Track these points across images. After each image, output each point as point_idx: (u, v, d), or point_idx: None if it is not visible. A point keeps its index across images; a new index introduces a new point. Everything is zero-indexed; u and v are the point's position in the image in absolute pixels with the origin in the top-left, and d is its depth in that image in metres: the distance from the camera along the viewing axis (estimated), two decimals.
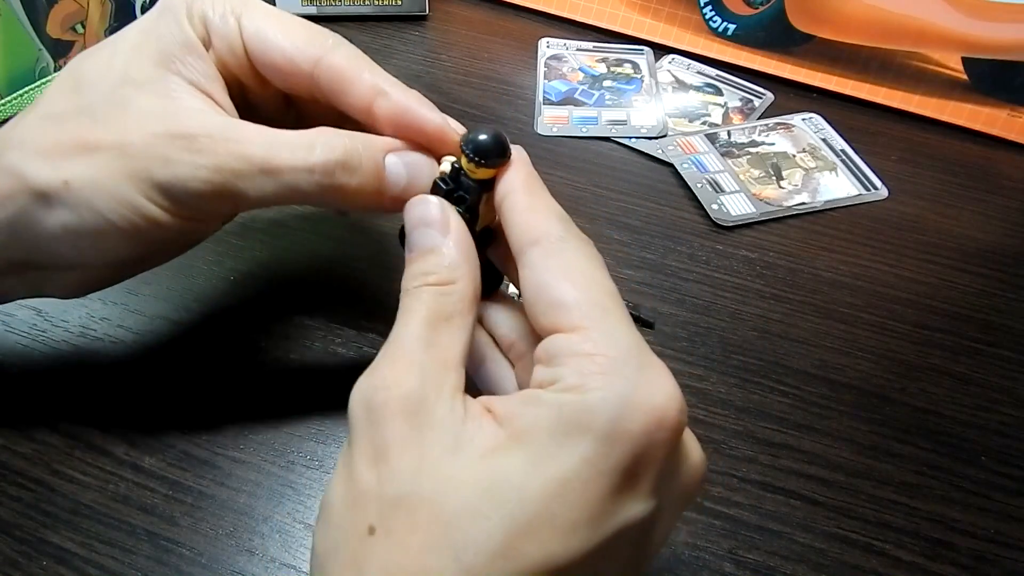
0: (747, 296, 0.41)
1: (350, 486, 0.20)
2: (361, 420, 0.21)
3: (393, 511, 0.19)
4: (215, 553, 0.28)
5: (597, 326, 0.20)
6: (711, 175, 0.49)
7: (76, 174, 0.25)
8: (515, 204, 0.24)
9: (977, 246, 0.46)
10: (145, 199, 0.25)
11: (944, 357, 0.39)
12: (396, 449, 0.20)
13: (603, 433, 0.19)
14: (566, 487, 0.19)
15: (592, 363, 0.20)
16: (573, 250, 0.22)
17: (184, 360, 0.35)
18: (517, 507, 0.18)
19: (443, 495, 0.19)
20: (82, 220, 0.25)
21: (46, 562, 0.27)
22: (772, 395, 0.36)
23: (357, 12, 0.62)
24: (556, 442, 0.19)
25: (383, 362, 0.22)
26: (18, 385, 0.33)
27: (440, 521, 0.19)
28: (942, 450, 0.34)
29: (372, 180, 0.26)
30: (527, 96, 0.55)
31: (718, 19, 0.59)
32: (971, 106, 0.55)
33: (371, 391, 0.21)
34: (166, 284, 0.38)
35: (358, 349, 0.36)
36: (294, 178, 0.25)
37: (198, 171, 0.24)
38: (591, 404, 0.19)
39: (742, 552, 0.30)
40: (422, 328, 0.22)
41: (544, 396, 0.20)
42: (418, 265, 0.23)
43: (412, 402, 0.20)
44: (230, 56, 0.27)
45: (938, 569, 0.30)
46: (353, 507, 0.20)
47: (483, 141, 0.24)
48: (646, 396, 0.19)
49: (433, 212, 0.24)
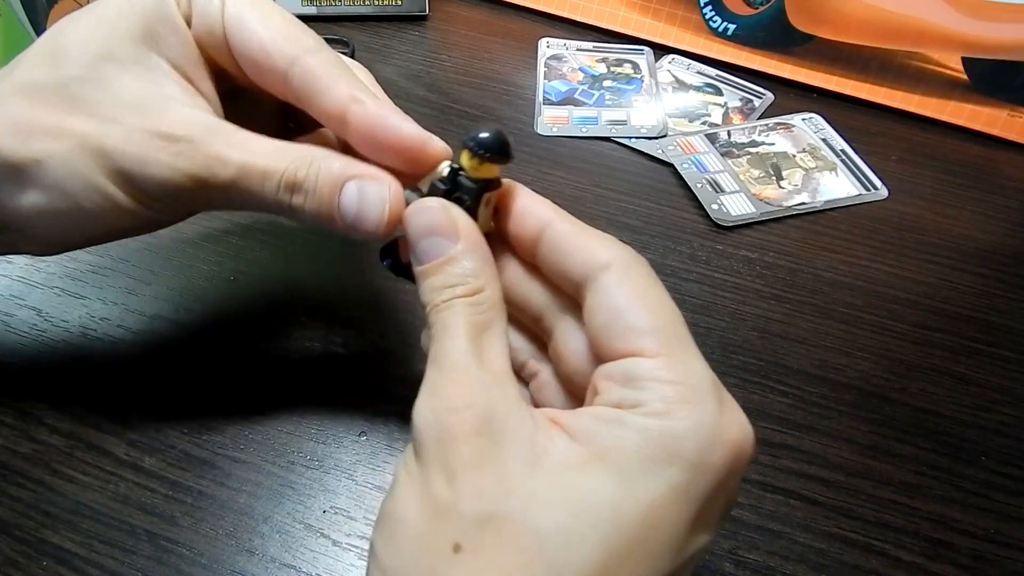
0: (747, 296, 0.41)
1: (426, 502, 0.20)
2: (431, 441, 0.20)
3: (479, 529, 0.19)
4: (215, 553, 0.28)
5: (676, 354, 0.21)
6: (711, 175, 0.49)
7: (49, 154, 0.24)
8: (564, 231, 0.24)
9: (977, 246, 0.46)
10: (117, 188, 0.25)
11: (944, 357, 0.39)
12: (474, 466, 0.19)
13: (690, 463, 0.19)
14: (655, 512, 0.19)
15: (675, 391, 0.20)
16: (644, 276, 0.23)
17: (184, 360, 0.35)
18: (612, 529, 0.18)
19: (531, 513, 0.19)
20: (52, 200, 0.25)
21: (46, 562, 0.27)
22: (772, 395, 0.36)
23: (357, 12, 0.62)
24: (644, 466, 0.19)
25: (442, 381, 0.21)
26: (18, 385, 0.33)
27: (532, 540, 0.18)
28: (942, 450, 0.34)
29: (326, 206, 0.25)
30: (527, 96, 0.55)
31: (718, 19, 0.59)
32: (971, 106, 0.55)
33: (440, 414, 0.20)
34: (166, 284, 0.38)
35: (358, 349, 0.36)
36: (261, 191, 0.25)
37: (174, 174, 0.24)
38: (678, 432, 0.19)
39: (742, 552, 0.30)
40: (469, 343, 0.22)
41: (628, 418, 0.20)
42: (438, 278, 0.23)
43: (484, 419, 0.20)
44: (209, 38, 0.26)
45: (938, 569, 0.30)
46: (432, 523, 0.19)
47: (488, 135, 0.24)
48: (727, 429, 0.20)
49: (439, 217, 0.23)
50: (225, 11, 0.25)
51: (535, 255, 0.24)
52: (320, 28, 0.60)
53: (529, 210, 0.24)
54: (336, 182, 0.25)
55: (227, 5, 0.26)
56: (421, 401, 0.21)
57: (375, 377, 0.35)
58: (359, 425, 0.33)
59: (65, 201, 0.25)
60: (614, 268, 0.22)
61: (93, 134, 0.24)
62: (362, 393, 0.34)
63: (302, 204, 0.25)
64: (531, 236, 0.24)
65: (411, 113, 0.29)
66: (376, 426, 0.33)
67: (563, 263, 0.23)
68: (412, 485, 0.20)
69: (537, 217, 0.24)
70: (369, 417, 0.33)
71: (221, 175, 0.24)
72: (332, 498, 0.30)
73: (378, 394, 0.34)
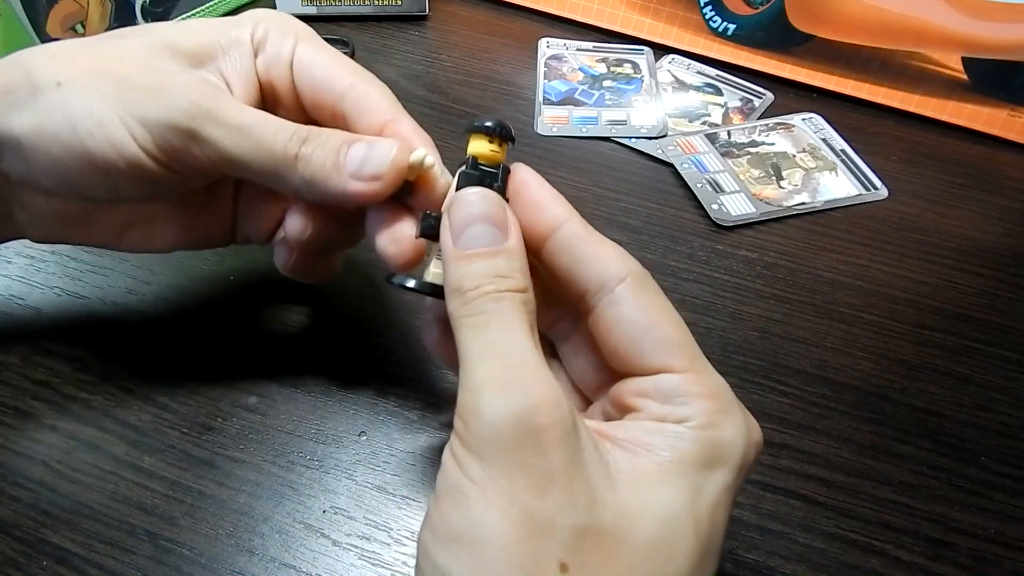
0: (747, 296, 0.41)
1: (516, 516, 0.18)
2: (513, 443, 0.19)
3: (580, 544, 0.19)
4: (215, 553, 0.28)
5: (700, 368, 0.22)
6: (711, 175, 0.49)
7: (71, 80, 0.26)
8: (577, 235, 0.24)
9: (977, 246, 0.46)
10: (125, 129, 0.26)
11: (944, 357, 0.39)
12: (564, 477, 0.19)
13: (737, 465, 0.21)
14: (717, 513, 0.21)
15: (712, 403, 0.21)
16: (655, 288, 0.23)
17: (183, 360, 0.35)
18: (695, 535, 0.20)
19: (624, 527, 0.19)
20: (52, 122, 0.26)
21: (46, 562, 0.27)
22: (772, 395, 0.36)
23: (357, 12, 0.62)
24: (704, 474, 0.21)
25: (516, 376, 0.20)
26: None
27: (630, 554, 0.19)
28: (942, 450, 0.34)
29: (332, 155, 0.26)
30: (527, 96, 0.55)
31: (718, 19, 0.59)
32: (971, 106, 0.55)
33: (526, 410, 0.19)
34: (166, 284, 0.38)
35: (358, 349, 0.36)
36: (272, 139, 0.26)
37: (188, 108, 0.26)
38: (726, 441, 0.21)
39: (742, 552, 0.30)
40: (532, 341, 0.21)
41: (683, 431, 0.21)
42: (486, 264, 0.22)
43: (567, 426, 0.19)
44: (274, 67, 0.29)
45: (938, 569, 0.30)
46: (532, 541, 0.18)
47: (494, 119, 0.24)
48: (754, 433, 0.22)
49: (494, 208, 0.23)
50: (296, 49, 0.29)
51: (540, 250, 0.24)
52: (320, 28, 0.60)
53: (543, 205, 0.24)
54: (346, 139, 0.27)
55: (299, 45, 0.29)
56: (493, 396, 0.19)
57: (375, 377, 0.35)
58: (359, 425, 0.33)
59: (67, 131, 0.25)
60: (631, 282, 0.23)
61: (121, 76, 0.26)
62: (362, 393, 0.34)
63: (309, 153, 0.26)
64: (541, 231, 0.24)
65: (411, 113, 0.29)
66: (376, 426, 0.33)
67: (576, 268, 0.23)
68: (491, 497, 0.19)
69: (552, 214, 0.24)
70: (369, 417, 0.33)
71: (236, 118, 0.26)
72: (332, 498, 0.30)
73: (378, 394, 0.34)
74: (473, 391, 0.20)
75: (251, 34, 0.29)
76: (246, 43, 0.29)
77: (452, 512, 0.19)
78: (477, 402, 0.20)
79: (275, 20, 0.30)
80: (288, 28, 0.29)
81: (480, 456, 0.19)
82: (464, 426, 0.20)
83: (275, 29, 0.29)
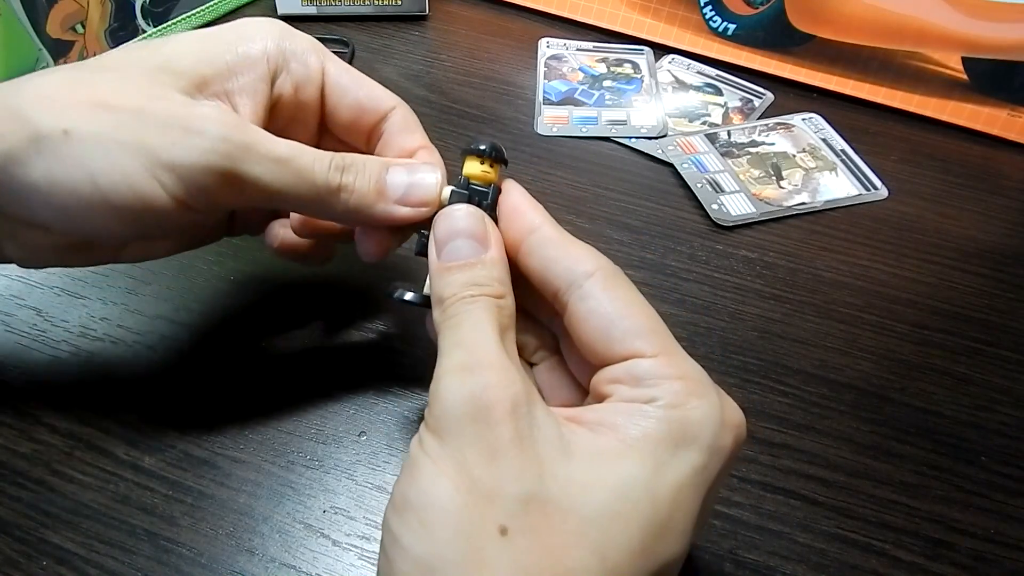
0: (747, 296, 0.41)
1: (463, 484, 0.20)
2: (466, 418, 0.20)
3: (524, 511, 0.19)
4: (215, 553, 0.28)
5: (671, 353, 0.22)
6: (711, 175, 0.49)
7: (79, 126, 0.24)
8: (549, 236, 0.25)
9: (977, 246, 0.46)
10: (153, 179, 0.24)
11: (944, 357, 0.39)
12: (513, 448, 0.20)
13: (706, 445, 0.21)
14: (682, 492, 0.20)
15: (683, 385, 0.21)
16: (626, 283, 0.24)
17: (184, 360, 0.35)
18: (650, 509, 0.20)
19: (574, 497, 0.20)
20: (67, 176, 0.24)
21: (46, 562, 0.27)
22: (772, 395, 0.36)
23: (357, 12, 0.62)
24: (670, 452, 0.21)
25: (475, 362, 0.21)
26: (18, 385, 0.33)
27: (577, 522, 0.19)
28: (942, 450, 0.34)
29: (375, 181, 0.27)
30: (527, 96, 0.55)
31: (718, 19, 0.59)
32: (971, 106, 0.55)
33: (479, 389, 0.21)
34: (166, 284, 0.38)
35: (358, 349, 0.36)
36: (311, 170, 0.26)
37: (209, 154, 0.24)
38: (695, 420, 0.21)
39: (742, 552, 0.30)
40: (497, 335, 0.22)
41: (648, 410, 0.21)
42: (465, 275, 0.24)
43: (519, 404, 0.21)
44: (300, 92, 0.29)
45: (938, 569, 0.30)
46: (475, 507, 0.19)
47: (489, 143, 0.26)
48: (730, 415, 0.22)
49: (475, 223, 0.25)
50: (326, 74, 0.29)
51: (517, 255, 0.25)
52: (320, 28, 0.60)
53: (520, 211, 0.25)
54: (384, 164, 0.27)
55: (328, 70, 0.29)
56: (451, 379, 0.21)
57: (375, 377, 0.35)
58: (359, 425, 0.33)
59: (82, 179, 0.24)
60: (598, 276, 0.23)
61: (133, 110, 0.24)
62: (362, 393, 0.34)
63: (352, 182, 0.26)
64: (516, 237, 0.25)
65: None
66: (376, 426, 0.33)
67: (547, 268, 0.24)
68: (442, 468, 0.20)
69: (526, 219, 0.25)
70: (369, 417, 0.33)
71: (275, 151, 0.25)
72: (332, 498, 0.30)
73: (378, 394, 0.34)
74: (437, 378, 0.22)
75: (264, 52, 0.27)
76: (260, 62, 0.27)
77: (407, 483, 0.21)
78: (438, 387, 0.21)
79: (288, 36, 0.28)
80: (306, 45, 0.29)
81: (436, 433, 0.21)
82: (429, 411, 0.21)
83: (293, 47, 0.28)
